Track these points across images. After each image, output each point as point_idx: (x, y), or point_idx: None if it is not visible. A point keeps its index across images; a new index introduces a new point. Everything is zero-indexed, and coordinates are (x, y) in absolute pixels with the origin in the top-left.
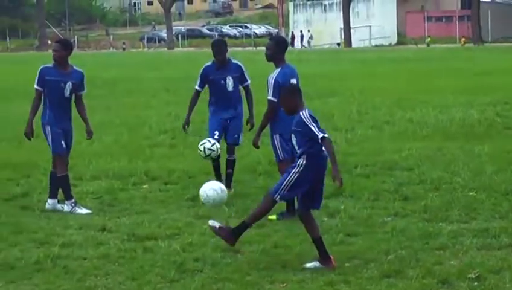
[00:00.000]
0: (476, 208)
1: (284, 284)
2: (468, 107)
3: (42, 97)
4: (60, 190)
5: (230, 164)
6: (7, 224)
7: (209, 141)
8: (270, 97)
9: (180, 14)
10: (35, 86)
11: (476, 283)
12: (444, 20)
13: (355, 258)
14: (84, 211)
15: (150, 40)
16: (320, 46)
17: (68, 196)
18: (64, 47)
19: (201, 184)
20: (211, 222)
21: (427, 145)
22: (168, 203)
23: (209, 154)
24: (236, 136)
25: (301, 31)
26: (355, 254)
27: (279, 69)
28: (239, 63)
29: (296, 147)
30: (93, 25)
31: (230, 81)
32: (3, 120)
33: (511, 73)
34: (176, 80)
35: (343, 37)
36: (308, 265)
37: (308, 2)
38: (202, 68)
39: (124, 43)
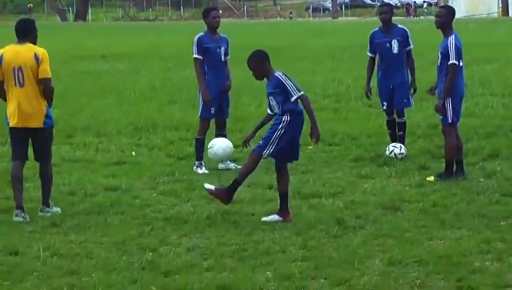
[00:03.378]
0: None
1: (442, 241)
2: None
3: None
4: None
5: (401, 126)
6: (181, 181)
7: (395, 146)
8: (453, 61)
9: None
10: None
11: None
12: None
13: (510, 217)
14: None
15: (315, 9)
16: (478, 16)
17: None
18: None
19: (363, 145)
20: (207, 185)
21: None
22: (332, 163)
23: (401, 158)
24: (405, 100)
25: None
26: (511, 213)
27: (453, 35)
28: (404, 27)
29: (276, 107)
30: None
31: (395, 45)
32: (179, 84)
33: None
34: (339, 48)
35: (500, 6)
36: (265, 218)
37: None
38: (370, 34)
39: (290, 13)
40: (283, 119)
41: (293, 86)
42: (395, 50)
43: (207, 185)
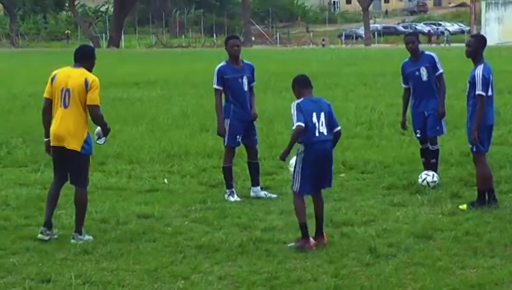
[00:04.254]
0: None
1: (475, 270)
2: None
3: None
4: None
5: (434, 153)
6: (213, 209)
7: (427, 174)
8: (480, 92)
9: (386, 12)
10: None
11: None
12: None
13: None
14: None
15: (347, 36)
16: (511, 43)
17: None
18: (240, 42)
19: (396, 173)
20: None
21: None
22: (364, 191)
23: (433, 187)
24: (438, 128)
25: (437, 28)
26: None
27: (482, 64)
28: (431, 53)
29: None
30: (295, 23)
31: (424, 72)
32: (211, 112)
33: None
34: (372, 75)
35: None
36: (290, 245)
37: (500, 1)
38: (401, 65)
39: (323, 40)
40: (298, 151)
41: (296, 116)
42: (424, 77)
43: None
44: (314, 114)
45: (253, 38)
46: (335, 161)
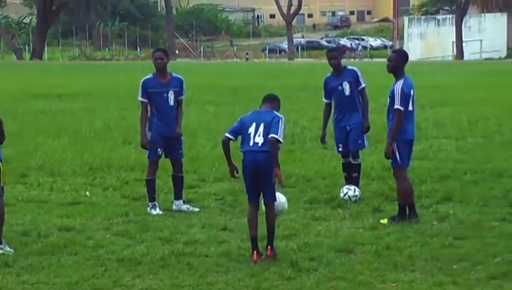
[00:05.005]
0: None
1: (395, 284)
2: None
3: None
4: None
5: (356, 168)
6: (135, 222)
7: (349, 189)
8: (398, 106)
9: (314, 26)
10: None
11: None
12: None
13: (463, 260)
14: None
15: (271, 50)
16: (433, 58)
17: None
18: (167, 55)
19: (318, 187)
20: None
21: None
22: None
23: (355, 201)
24: (360, 141)
25: (351, 43)
26: (464, 256)
27: (402, 80)
28: (354, 68)
29: None
30: (219, 36)
31: (346, 87)
32: (135, 125)
33: None
34: (295, 89)
35: (455, 50)
36: None
37: (423, 17)
38: (323, 80)
39: (247, 54)
40: None
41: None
42: (347, 92)
43: None
44: (254, 124)
45: (177, 52)
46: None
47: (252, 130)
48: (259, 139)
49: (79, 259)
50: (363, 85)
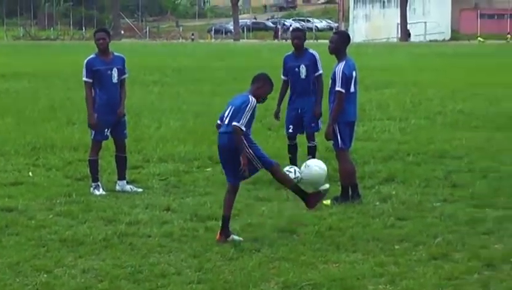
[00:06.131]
0: None
1: (337, 264)
2: None
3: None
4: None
5: (311, 150)
6: (78, 202)
7: (289, 171)
8: (339, 88)
9: (266, 7)
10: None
11: None
12: (496, 17)
13: (404, 241)
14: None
15: (217, 31)
16: (378, 40)
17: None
18: (108, 35)
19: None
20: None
21: (477, 135)
22: None
23: (297, 181)
24: (313, 124)
25: (283, 24)
26: (405, 237)
27: (344, 61)
28: (314, 52)
29: None
30: (164, 17)
31: (303, 70)
32: (79, 105)
33: None
34: (241, 69)
35: (400, 32)
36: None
37: None
38: (283, 57)
39: (192, 34)
40: None
41: None
42: (303, 75)
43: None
44: (228, 108)
45: (122, 32)
46: (202, 156)
47: (226, 113)
48: (226, 122)
49: (21, 239)
50: (320, 71)
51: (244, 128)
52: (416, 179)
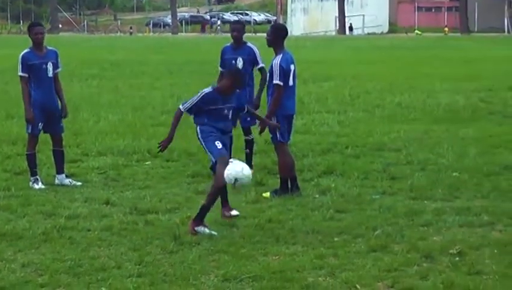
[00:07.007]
0: (459, 187)
1: (277, 257)
2: (454, 93)
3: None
4: (59, 165)
5: (248, 144)
6: (17, 196)
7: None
8: (277, 81)
9: (210, 1)
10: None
11: (457, 258)
12: (433, 10)
13: (344, 233)
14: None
15: (155, 25)
16: (317, 33)
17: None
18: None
19: (201, 161)
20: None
21: (415, 128)
22: (169, 179)
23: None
24: (249, 119)
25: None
26: (344, 229)
27: (281, 54)
28: (252, 46)
29: None
30: (102, 10)
31: (240, 63)
32: (17, 99)
33: (495, 61)
34: (179, 63)
35: (337, 25)
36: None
37: None
38: (221, 48)
39: (131, 28)
40: None
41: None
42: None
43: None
44: None
45: (60, 26)
46: (141, 150)
47: None
48: None
49: None
50: (261, 65)
51: (182, 110)
52: (355, 172)
